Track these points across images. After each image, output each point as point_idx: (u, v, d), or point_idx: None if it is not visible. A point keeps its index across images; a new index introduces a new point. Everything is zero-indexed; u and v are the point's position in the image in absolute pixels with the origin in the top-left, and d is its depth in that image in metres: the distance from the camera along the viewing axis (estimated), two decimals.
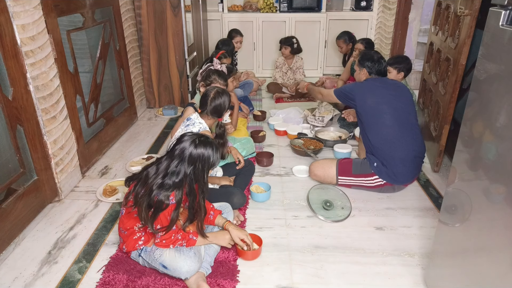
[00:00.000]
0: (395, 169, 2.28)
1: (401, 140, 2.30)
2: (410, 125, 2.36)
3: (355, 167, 2.39)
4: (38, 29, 2.11)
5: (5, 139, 1.99)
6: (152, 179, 1.61)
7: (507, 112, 1.13)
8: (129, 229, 1.73)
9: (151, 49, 3.72)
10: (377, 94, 2.37)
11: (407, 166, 2.30)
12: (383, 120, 2.32)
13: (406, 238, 2.03)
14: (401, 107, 2.35)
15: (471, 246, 1.33)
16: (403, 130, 2.31)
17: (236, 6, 5.01)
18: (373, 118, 2.35)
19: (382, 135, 2.32)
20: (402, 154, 2.28)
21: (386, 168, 2.30)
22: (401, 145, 2.29)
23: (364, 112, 2.38)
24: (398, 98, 2.38)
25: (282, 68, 4.36)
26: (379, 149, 2.32)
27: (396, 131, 2.30)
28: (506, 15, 1.15)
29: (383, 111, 2.33)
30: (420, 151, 2.37)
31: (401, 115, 2.34)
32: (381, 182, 2.34)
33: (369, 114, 2.37)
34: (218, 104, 2.13)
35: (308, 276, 1.77)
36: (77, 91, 2.58)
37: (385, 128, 2.31)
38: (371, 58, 2.50)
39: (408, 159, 2.30)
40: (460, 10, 2.34)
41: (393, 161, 2.28)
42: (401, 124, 2.32)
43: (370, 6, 4.89)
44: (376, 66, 2.49)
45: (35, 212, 2.19)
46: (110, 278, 1.74)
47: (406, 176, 2.33)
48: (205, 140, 1.66)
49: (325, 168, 2.46)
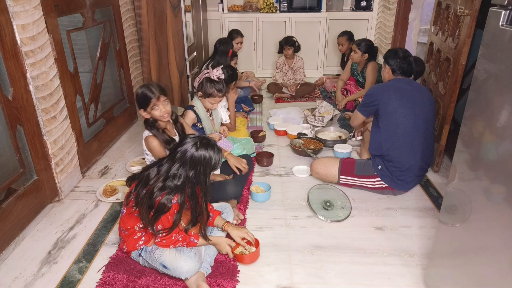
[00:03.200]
0: (399, 176, 2.26)
1: (414, 150, 2.23)
2: (427, 134, 2.26)
3: (358, 167, 2.37)
4: (38, 29, 2.11)
5: (5, 139, 1.99)
6: (153, 182, 1.61)
7: (507, 112, 1.13)
8: (130, 229, 1.73)
9: (151, 49, 3.72)
10: (403, 96, 2.23)
11: (411, 176, 2.27)
12: (403, 127, 2.21)
13: (406, 238, 2.03)
14: (423, 114, 2.23)
15: (471, 246, 1.33)
16: (418, 139, 2.23)
17: (236, 6, 5.01)
18: (390, 123, 2.23)
19: (397, 143, 2.23)
20: (411, 164, 2.23)
21: (390, 173, 2.27)
22: (413, 155, 2.23)
23: (385, 115, 2.25)
24: (422, 104, 2.24)
25: (283, 68, 4.36)
26: (389, 155, 2.25)
27: (412, 140, 2.21)
28: (506, 15, 1.14)
29: (405, 116, 2.20)
30: (428, 162, 2.34)
31: (421, 123, 2.22)
32: (383, 185, 2.33)
33: (390, 117, 2.23)
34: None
35: (308, 276, 1.77)
36: (77, 91, 2.58)
37: (402, 137, 2.21)
38: (395, 55, 2.36)
39: (415, 169, 2.26)
40: (460, 10, 2.34)
41: (399, 169, 2.25)
42: (419, 133, 2.22)
43: (370, 6, 4.89)
44: (398, 62, 2.34)
45: (35, 212, 2.19)
46: (110, 278, 1.74)
47: (408, 184, 2.32)
48: (207, 143, 1.65)
49: (327, 167, 2.45)
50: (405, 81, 2.34)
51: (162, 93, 1.99)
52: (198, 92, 2.49)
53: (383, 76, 2.49)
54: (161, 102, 1.98)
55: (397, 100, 2.24)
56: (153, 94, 1.96)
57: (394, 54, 2.37)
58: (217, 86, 2.42)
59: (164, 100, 1.99)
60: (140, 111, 2.03)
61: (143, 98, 1.97)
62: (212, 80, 2.43)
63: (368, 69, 3.59)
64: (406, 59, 2.35)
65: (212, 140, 1.69)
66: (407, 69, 2.37)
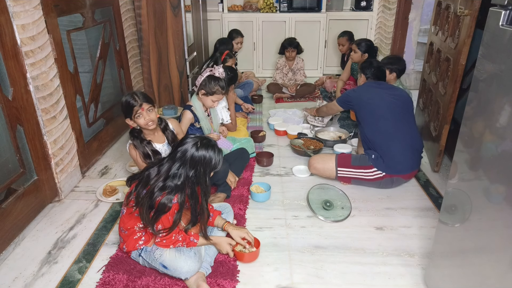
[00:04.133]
0: (392, 159, 2.35)
1: (397, 132, 2.39)
2: (406, 119, 2.45)
3: (354, 159, 2.46)
4: (38, 29, 2.11)
5: (5, 139, 1.99)
6: (153, 181, 1.61)
7: (507, 112, 1.13)
8: (130, 229, 1.73)
9: (151, 49, 3.72)
10: (371, 92, 2.53)
11: (404, 155, 2.37)
12: (378, 113, 2.44)
13: (406, 238, 2.03)
14: (395, 102, 2.46)
15: (471, 246, 1.33)
16: (398, 124, 2.41)
17: (236, 6, 5.01)
18: (368, 112, 2.48)
19: (377, 127, 2.42)
20: (398, 145, 2.37)
21: (383, 159, 2.37)
22: (397, 137, 2.38)
23: (359, 108, 2.53)
24: (392, 95, 2.49)
25: (283, 69, 4.36)
26: (375, 142, 2.41)
27: (391, 124, 2.40)
28: (506, 15, 1.15)
29: (377, 106, 2.45)
30: (417, 143, 2.46)
31: (396, 109, 2.44)
32: (380, 175, 2.38)
33: (365, 109, 2.50)
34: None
35: (308, 276, 1.77)
36: (77, 91, 2.58)
37: (380, 121, 2.41)
38: (371, 65, 2.67)
39: (405, 149, 2.37)
40: (460, 10, 2.34)
41: (389, 152, 2.36)
42: (396, 118, 2.42)
43: (370, 6, 4.89)
44: (372, 71, 2.66)
45: (35, 212, 2.19)
46: (110, 278, 1.74)
47: (403, 165, 2.38)
48: (207, 143, 1.65)
49: (324, 161, 2.51)
50: (376, 82, 2.63)
51: (146, 100, 1.97)
52: (201, 90, 2.50)
53: (358, 84, 2.78)
54: (144, 110, 1.96)
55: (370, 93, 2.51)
56: (135, 102, 1.94)
57: (369, 64, 2.69)
58: (221, 83, 2.48)
59: (148, 108, 1.98)
60: (126, 120, 2.03)
61: (127, 106, 1.96)
62: (215, 78, 2.48)
63: None
64: (379, 68, 2.67)
65: (213, 141, 1.69)
66: (381, 77, 2.68)
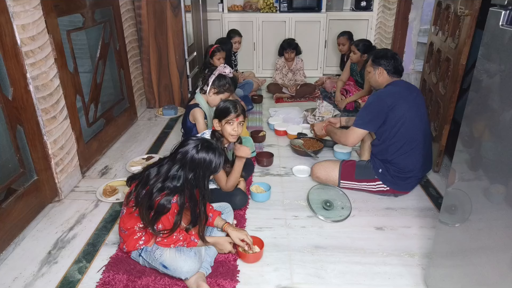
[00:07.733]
0: (400, 179, 2.27)
1: (417, 153, 2.21)
2: (426, 136, 2.24)
3: (358, 171, 2.35)
4: (38, 29, 2.11)
5: (5, 139, 1.99)
6: (152, 182, 1.61)
7: (507, 112, 1.13)
8: (130, 229, 1.73)
9: (151, 49, 3.72)
10: (406, 99, 2.15)
11: (413, 177, 2.28)
12: (411, 132, 2.15)
13: (406, 238, 2.03)
14: (424, 115, 2.18)
15: (471, 246, 1.33)
16: (421, 142, 2.20)
17: (236, 6, 5.01)
18: (400, 129, 2.15)
19: (404, 148, 2.18)
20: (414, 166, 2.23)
21: (391, 176, 2.27)
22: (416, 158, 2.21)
23: (393, 121, 2.15)
24: (422, 105, 2.19)
25: (283, 70, 4.36)
26: (393, 159, 2.23)
27: (417, 144, 2.18)
28: (506, 15, 1.15)
29: (411, 121, 2.14)
30: (429, 163, 2.35)
31: (423, 125, 2.19)
32: (384, 188, 2.32)
33: (397, 123, 2.14)
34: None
35: (308, 276, 1.77)
36: (77, 91, 2.58)
37: (409, 141, 2.17)
38: (385, 56, 2.26)
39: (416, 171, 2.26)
40: (460, 10, 2.34)
41: (401, 171, 2.25)
42: (422, 136, 2.20)
43: (370, 6, 4.89)
44: (392, 62, 2.25)
45: (35, 212, 2.19)
46: (110, 278, 1.74)
47: (410, 185, 2.33)
48: (209, 145, 1.65)
49: (327, 171, 2.43)
50: (402, 83, 2.28)
51: (243, 113, 2.10)
52: (213, 89, 2.54)
53: (374, 81, 2.33)
54: (238, 121, 2.07)
55: (404, 104, 2.15)
56: (235, 110, 2.05)
57: (384, 54, 2.27)
58: (231, 82, 2.57)
59: (241, 120, 2.09)
60: (214, 121, 2.10)
61: (225, 110, 2.06)
62: (226, 77, 2.54)
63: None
64: (396, 58, 2.27)
65: (214, 143, 1.69)
66: (401, 68, 2.29)
